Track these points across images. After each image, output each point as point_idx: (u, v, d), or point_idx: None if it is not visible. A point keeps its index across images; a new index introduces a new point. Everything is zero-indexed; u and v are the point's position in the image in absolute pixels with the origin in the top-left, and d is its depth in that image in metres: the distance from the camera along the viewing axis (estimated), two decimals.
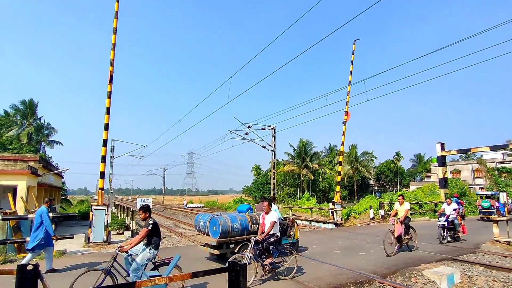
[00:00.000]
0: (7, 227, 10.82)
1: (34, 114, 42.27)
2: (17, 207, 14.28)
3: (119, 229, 16.41)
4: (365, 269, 8.06)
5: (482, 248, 11.26)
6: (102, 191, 13.68)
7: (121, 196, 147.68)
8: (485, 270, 8.33)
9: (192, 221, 27.74)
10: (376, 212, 23.51)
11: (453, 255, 9.83)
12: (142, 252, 5.67)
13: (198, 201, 74.81)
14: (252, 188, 62.75)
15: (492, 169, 42.52)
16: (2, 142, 36.43)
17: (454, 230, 12.51)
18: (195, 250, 10.59)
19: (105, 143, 13.82)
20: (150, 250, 5.69)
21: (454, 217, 12.43)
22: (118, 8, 14.44)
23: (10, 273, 3.67)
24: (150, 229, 5.70)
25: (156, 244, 5.81)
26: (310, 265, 8.64)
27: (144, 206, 6.12)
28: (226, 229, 8.30)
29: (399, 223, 9.96)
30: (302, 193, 52.34)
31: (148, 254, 5.66)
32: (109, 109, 13.89)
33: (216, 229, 8.39)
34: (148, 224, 5.76)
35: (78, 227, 20.09)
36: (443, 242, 11.92)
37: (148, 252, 5.67)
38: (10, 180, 15.92)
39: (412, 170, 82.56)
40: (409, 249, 10.42)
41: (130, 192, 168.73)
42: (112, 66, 14.08)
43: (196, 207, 54.73)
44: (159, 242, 5.94)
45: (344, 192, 58.63)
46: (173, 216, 34.09)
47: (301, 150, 57.42)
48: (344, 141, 22.34)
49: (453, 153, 26.21)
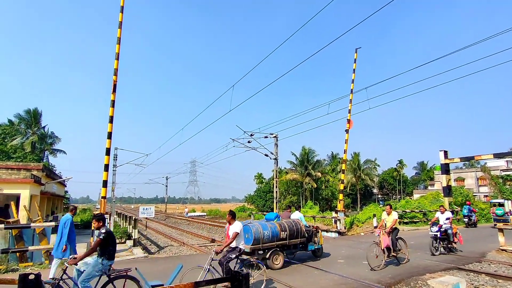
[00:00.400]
0: (10, 236, 10.83)
1: (38, 123, 42.59)
2: (19, 216, 14.29)
3: (121, 238, 16.35)
4: (369, 278, 7.96)
5: (488, 257, 11.09)
6: (105, 199, 13.71)
7: (124, 205, 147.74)
8: (492, 280, 8.19)
9: (194, 230, 27.62)
10: (379, 220, 23.28)
11: (459, 264, 9.69)
12: (93, 263, 5.38)
13: (201, 209, 74.49)
14: (255, 196, 62.47)
15: (496, 176, 42.20)
16: (6, 151, 36.64)
17: (448, 240, 11.71)
18: (198, 259, 10.52)
19: (108, 152, 13.90)
20: (102, 261, 5.39)
21: (448, 227, 11.61)
22: (122, 19, 14.68)
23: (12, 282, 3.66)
24: (102, 239, 5.43)
25: (110, 255, 5.52)
26: (313, 274, 8.56)
27: (97, 215, 5.88)
28: (258, 236, 8.91)
29: (385, 234, 9.27)
30: (305, 201, 52.06)
31: (100, 265, 5.36)
32: (112, 118, 14.01)
33: (248, 236, 8.91)
34: (100, 234, 5.49)
35: (80, 236, 20.01)
36: (435, 253, 11.11)
37: (101, 263, 5.37)
38: (14, 188, 15.97)
39: (415, 178, 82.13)
40: (399, 262, 9.69)
41: (133, 200, 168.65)
42: (116, 76, 14.25)
43: (198, 215, 54.43)
44: (114, 252, 5.66)
45: (347, 201, 58.32)
46: (175, 225, 33.96)
47: (303, 158, 57.32)
48: (347, 149, 22.35)
49: (457, 161, 26.05)
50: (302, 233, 10.14)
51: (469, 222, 21.96)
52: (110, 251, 5.53)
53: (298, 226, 10.08)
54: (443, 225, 11.53)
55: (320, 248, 11.01)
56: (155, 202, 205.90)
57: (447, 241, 11.71)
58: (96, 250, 5.49)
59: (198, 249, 15.08)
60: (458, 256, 11.25)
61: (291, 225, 9.96)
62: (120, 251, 13.68)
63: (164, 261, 11.61)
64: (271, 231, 9.27)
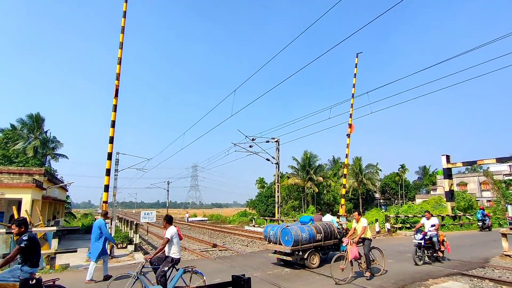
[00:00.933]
0: (11, 240, 10.83)
1: (41, 128, 42.80)
2: None
3: (122, 243, 16.31)
4: (371, 284, 7.90)
5: (492, 263, 10.98)
6: (106, 204, 13.68)
7: (125, 210, 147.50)
8: (495, 286, 8.10)
9: (196, 235, 27.53)
10: (382, 225, 23.20)
11: (462, 270, 9.60)
12: (11, 269, 4.91)
13: (202, 214, 74.28)
14: (256, 201, 62.21)
15: (499, 181, 41.91)
16: (9, 156, 36.76)
17: (433, 248, 10.76)
18: (200, 263, 10.48)
19: (109, 156, 13.91)
20: (23, 267, 4.90)
21: (433, 234, 10.70)
22: (125, 24, 14.79)
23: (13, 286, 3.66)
24: (23, 247, 4.89)
25: (33, 262, 5.02)
26: (315, 279, 8.51)
27: (18, 220, 5.32)
28: (297, 238, 9.60)
29: (353, 245, 8.38)
30: (307, 206, 51.85)
31: (19, 272, 4.85)
32: (114, 122, 14.04)
33: (288, 239, 9.62)
34: (21, 241, 4.94)
35: (81, 240, 20.02)
36: (418, 263, 10.20)
37: (20, 269, 4.87)
38: (15, 193, 15.98)
39: (417, 183, 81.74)
40: (372, 275, 8.66)
41: (134, 205, 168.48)
42: (118, 80, 14.32)
43: (199, 220, 54.29)
44: (38, 260, 5.19)
45: (349, 205, 57.99)
46: None
47: (305, 162, 57.18)
48: (349, 153, 22.28)
49: (459, 166, 25.97)
50: (335, 234, 11.00)
51: (483, 226, 21.95)
52: (33, 259, 5.05)
53: (331, 228, 10.98)
54: (428, 232, 10.74)
55: None
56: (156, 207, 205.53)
57: (432, 249, 10.79)
58: (14, 259, 4.98)
59: (199, 254, 15.01)
60: (461, 261, 11.15)
61: (325, 227, 10.82)
62: (121, 256, 13.64)
63: None
64: (308, 233, 10.00)
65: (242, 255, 14.42)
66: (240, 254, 14.79)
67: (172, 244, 6.52)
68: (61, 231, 18.07)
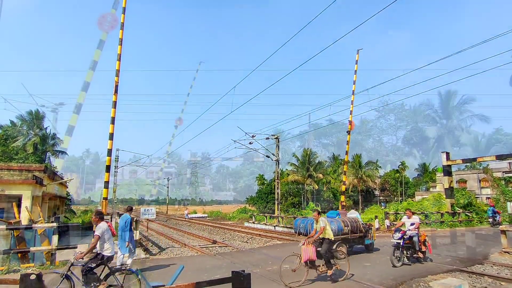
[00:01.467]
0: (11, 236, 10.84)
1: (41, 124, 42.79)
2: (21, 217, 14.32)
3: None
4: (371, 280, 7.93)
5: (491, 259, 11.03)
6: (106, 200, 13.72)
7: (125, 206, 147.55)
8: (494, 282, 8.14)
9: (195, 231, 27.58)
10: (381, 222, 23.28)
11: (461, 266, 9.64)
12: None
13: (202, 211, 74.47)
14: (256, 198, 62.39)
15: (498, 178, 42.01)
16: (8, 152, 36.78)
17: (413, 249, 10.12)
18: (200, 260, 10.51)
19: (109, 153, 13.92)
20: None
21: (413, 233, 10.08)
22: (124, 20, 14.74)
23: (13, 282, 3.67)
24: None
25: None
26: (315, 276, 8.53)
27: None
28: None
29: (309, 245, 7.61)
30: (307, 203, 51.99)
31: None
32: (114, 119, 14.03)
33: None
34: None
35: (81, 237, 20.06)
36: (396, 264, 9.52)
37: None
38: (15, 189, 16.00)
39: (417, 180, 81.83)
40: (332, 280, 7.88)
41: (134, 202, 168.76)
42: (118, 77, 14.29)
43: (199, 217, 54.43)
44: None
45: (348, 202, 58.10)
46: (177, 226, 33.94)
47: (305, 159, 57.28)
48: (348, 150, 22.31)
49: (459, 163, 26.02)
50: (360, 229, 11.79)
51: (494, 223, 22.34)
52: None
53: (357, 223, 11.77)
54: (407, 232, 10.10)
55: (373, 243, 12.43)
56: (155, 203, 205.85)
57: (412, 249, 10.15)
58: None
59: (199, 251, 15.05)
60: (460, 258, 11.19)
61: (352, 221, 11.60)
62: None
63: (165, 262, 11.60)
64: (337, 226, 10.62)
65: (242, 251, 14.47)
66: (240, 251, 14.84)
67: (104, 241, 6.23)
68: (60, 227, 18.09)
